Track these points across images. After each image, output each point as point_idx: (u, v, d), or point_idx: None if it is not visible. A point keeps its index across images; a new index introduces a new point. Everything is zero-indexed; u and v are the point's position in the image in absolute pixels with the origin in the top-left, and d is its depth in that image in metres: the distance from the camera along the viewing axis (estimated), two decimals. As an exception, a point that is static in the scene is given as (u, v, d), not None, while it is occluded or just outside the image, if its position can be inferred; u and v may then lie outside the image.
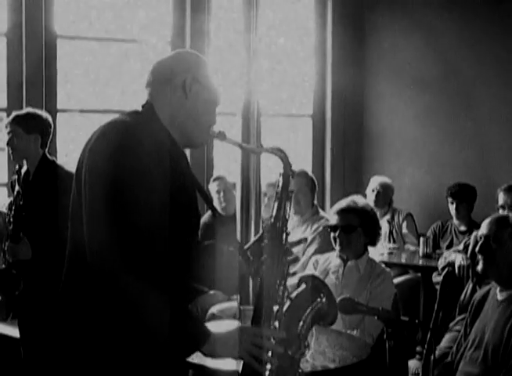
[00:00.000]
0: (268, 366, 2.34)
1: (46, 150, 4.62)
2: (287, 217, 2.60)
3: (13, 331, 4.74)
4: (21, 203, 4.42)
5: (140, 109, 2.50)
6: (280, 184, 2.60)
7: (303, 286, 2.58)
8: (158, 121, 2.45)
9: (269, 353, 2.33)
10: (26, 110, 4.70)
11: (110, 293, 2.22)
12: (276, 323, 2.43)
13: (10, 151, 4.58)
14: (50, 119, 4.68)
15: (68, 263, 2.45)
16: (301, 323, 2.50)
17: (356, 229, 4.25)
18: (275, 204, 2.59)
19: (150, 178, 2.24)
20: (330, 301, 2.56)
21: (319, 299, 2.55)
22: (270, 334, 2.38)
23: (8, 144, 4.56)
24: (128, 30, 6.96)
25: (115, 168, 2.22)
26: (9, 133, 4.54)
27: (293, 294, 2.54)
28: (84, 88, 6.88)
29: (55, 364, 2.46)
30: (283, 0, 7.81)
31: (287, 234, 2.57)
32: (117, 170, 2.22)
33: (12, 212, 4.42)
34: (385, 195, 6.98)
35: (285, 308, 2.48)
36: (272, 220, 2.56)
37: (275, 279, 2.48)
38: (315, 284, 2.59)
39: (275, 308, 2.45)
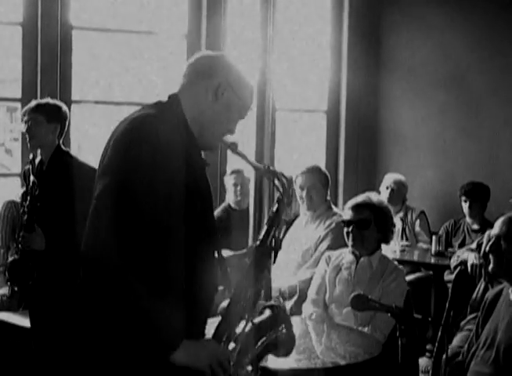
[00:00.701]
0: None
1: (61, 141, 4.64)
2: (274, 245, 2.60)
3: (24, 321, 4.75)
4: (36, 193, 4.43)
5: (165, 99, 2.51)
6: (274, 209, 2.63)
7: (267, 313, 2.59)
8: (182, 116, 2.47)
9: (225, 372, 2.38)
10: (46, 99, 4.71)
11: (99, 283, 2.26)
12: (233, 345, 2.47)
13: (27, 139, 4.59)
14: (67, 111, 4.70)
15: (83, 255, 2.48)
16: (255, 350, 2.51)
17: (370, 225, 4.26)
18: (265, 228, 2.61)
19: (163, 174, 2.26)
20: (289, 335, 2.56)
21: (278, 329, 2.55)
22: (228, 355, 2.42)
23: (27, 131, 4.57)
24: (143, 23, 6.96)
25: (127, 163, 2.25)
26: (28, 121, 4.54)
27: (256, 320, 2.55)
28: (99, 80, 6.89)
29: (65, 355, 2.48)
30: (300, -4, 7.82)
31: (271, 259, 2.60)
32: (129, 166, 2.24)
33: (27, 202, 4.43)
34: (399, 192, 6.98)
35: (246, 330, 2.50)
36: (258, 243, 2.57)
37: (247, 300, 2.51)
38: (279, 314, 2.58)
39: (237, 329, 2.49)
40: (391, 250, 6.32)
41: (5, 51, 6.57)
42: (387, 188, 6.96)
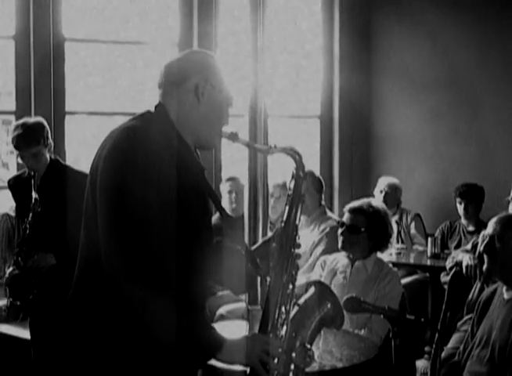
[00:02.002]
0: (274, 374, 2.37)
1: (51, 151, 4.64)
2: (298, 222, 2.60)
3: (24, 333, 4.77)
4: (39, 210, 4.43)
5: (153, 109, 2.49)
6: (292, 186, 2.60)
7: (311, 291, 2.60)
8: (170, 125, 2.45)
9: (276, 361, 2.36)
10: (24, 120, 4.65)
11: (121, 299, 2.24)
12: (283, 330, 2.46)
13: (28, 168, 4.58)
14: (42, 121, 4.63)
15: (82, 267, 2.47)
16: (307, 330, 2.52)
17: (361, 232, 4.25)
18: (287, 208, 2.59)
19: (159, 187, 2.25)
20: (336, 306, 2.57)
21: (325, 305, 2.56)
22: (278, 343, 2.41)
23: (28, 166, 4.55)
24: (134, 32, 6.99)
25: (125, 178, 2.24)
26: (25, 157, 4.50)
27: (301, 300, 2.56)
28: (93, 91, 6.91)
29: (65, 366, 2.48)
30: (291, 2, 7.83)
31: (297, 240, 2.59)
32: (127, 180, 2.23)
33: (29, 219, 4.43)
34: (393, 196, 6.98)
35: (292, 314, 2.51)
36: (283, 225, 2.57)
37: (284, 284, 2.50)
38: (322, 290, 2.60)
39: (283, 314, 2.48)
40: (387, 253, 6.34)
41: (-1, 64, 6.59)
42: (381, 192, 6.97)
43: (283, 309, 2.48)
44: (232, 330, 4.06)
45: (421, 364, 5.71)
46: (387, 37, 7.83)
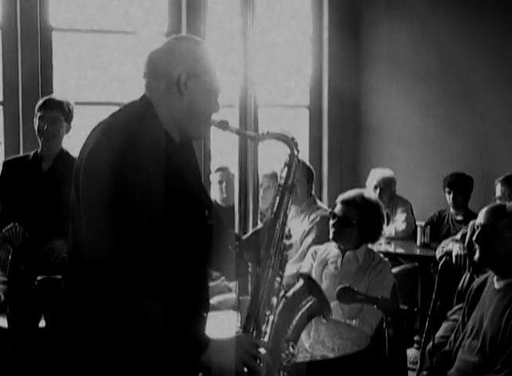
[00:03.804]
0: None
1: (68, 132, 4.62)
2: (288, 212, 2.57)
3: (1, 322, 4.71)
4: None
5: (138, 100, 2.43)
6: (284, 175, 2.57)
7: (299, 283, 2.58)
8: (154, 118, 2.37)
9: (259, 363, 2.31)
10: (54, 96, 4.65)
11: (108, 295, 2.20)
12: (269, 324, 2.44)
13: (44, 139, 4.52)
14: (71, 102, 4.64)
15: (69, 260, 2.45)
16: (292, 326, 2.50)
17: (352, 224, 4.23)
18: (277, 199, 2.55)
19: (149, 183, 2.21)
20: (321, 300, 2.55)
21: (310, 298, 2.54)
22: (262, 344, 2.38)
23: (46, 130, 4.48)
24: (123, 23, 6.95)
25: (117, 177, 2.18)
26: (48, 119, 4.48)
27: (290, 293, 2.54)
28: (81, 81, 6.87)
29: (47, 356, 2.45)
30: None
31: (288, 231, 2.55)
32: (119, 179, 2.18)
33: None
34: (388, 190, 6.92)
35: (280, 306, 2.49)
36: (273, 216, 2.53)
37: (270, 277, 2.47)
38: (308, 284, 2.58)
39: (269, 308, 2.45)
40: (377, 242, 6.33)
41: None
42: (376, 187, 6.87)
43: (270, 302, 2.46)
44: (222, 320, 4.05)
45: (411, 353, 5.71)
46: (376, 28, 7.82)
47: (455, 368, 3.60)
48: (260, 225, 2.66)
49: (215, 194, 6.20)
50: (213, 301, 5.27)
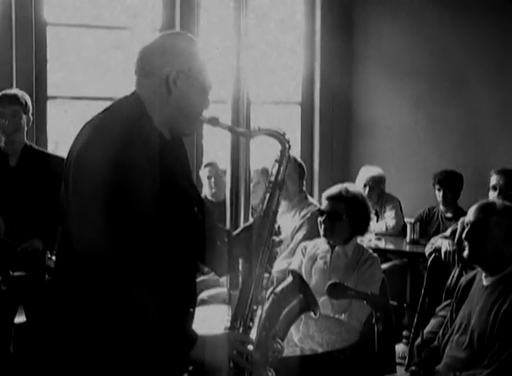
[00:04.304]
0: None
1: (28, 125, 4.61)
2: (278, 208, 2.56)
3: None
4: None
5: (129, 96, 2.40)
6: (274, 171, 2.55)
7: (288, 280, 2.58)
8: (145, 115, 2.35)
9: (246, 359, 2.32)
10: (12, 90, 4.64)
11: (98, 290, 2.18)
12: (257, 321, 2.44)
13: (6, 134, 4.50)
14: (25, 94, 4.65)
15: (58, 255, 2.45)
16: (280, 322, 2.49)
17: (341, 217, 4.22)
18: (267, 196, 2.54)
19: (141, 179, 2.19)
20: (309, 297, 2.55)
21: (297, 296, 2.54)
22: (250, 340, 2.38)
23: (7, 126, 4.47)
24: (117, 18, 6.93)
25: (110, 173, 2.16)
26: (4, 114, 4.45)
27: (278, 288, 2.54)
28: (75, 76, 6.85)
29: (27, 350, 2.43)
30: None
31: (277, 227, 2.54)
32: (112, 175, 2.15)
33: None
34: (377, 188, 6.91)
35: (267, 304, 2.49)
36: (262, 213, 2.53)
37: (259, 274, 2.46)
38: (295, 280, 2.58)
39: (256, 304, 2.45)
40: (367, 239, 6.35)
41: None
42: (365, 186, 6.87)
43: (258, 298, 2.45)
44: (213, 314, 4.05)
45: (400, 348, 5.73)
46: (368, 25, 7.82)
47: (443, 363, 3.60)
48: (250, 221, 2.65)
49: (205, 190, 6.20)
50: (204, 295, 5.27)
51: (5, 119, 4.45)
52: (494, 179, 5.64)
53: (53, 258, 4.52)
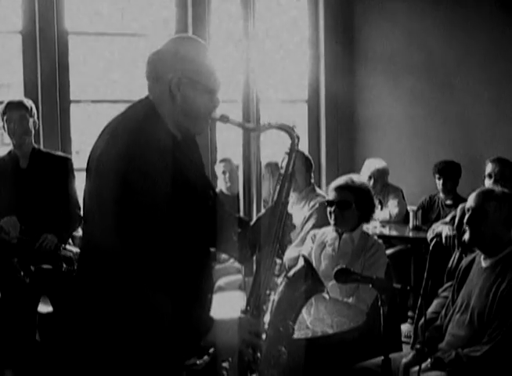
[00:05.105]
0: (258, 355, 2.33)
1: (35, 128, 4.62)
2: (288, 200, 2.54)
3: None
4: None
5: (143, 100, 2.40)
6: (284, 165, 2.53)
7: (300, 264, 2.56)
8: (158, 117, 2.34)
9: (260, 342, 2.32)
10: (15, 98, 4.65)
11: (118, 281, 2.18)
12: (269, 308, 2.44)
13: (16, 138, 4.50)
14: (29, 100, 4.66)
15: (82, 251, 2.45)
16: (291, 306, 2.48)
17: (351, 205, 4.20)
18: (277, 188, 2.53)
19: (154, 177, 2.18)
20: (316, 281, 2.55)
21: (307, 281, 2.53)
22: (262, 325, 2.38)
23: (16, 129, 4.47)
24: (134, 26, 6.93)
25: (126, 170, 2.15)
26: (13, 119, 4.45)
27: (291, 273, 2.53)
28: (95, 81, 6.86)
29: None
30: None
31: (287, 217, 2.53)
32: (127, 172, 2.15)
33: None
34: (381, 180, 6.89)
35: (280, 288, 2.48)
36: (274, 204, 2.51)
37: (271, 261, 2.46)
38: (306, 266, 2.57)
39: (269, 289, 2.44)
40: (372, 226, 6.34)
41: (7, 57, 6.53)
42: (370, 177, 6.85)
43: (270, 283, 2.44)
44: (230, 300, 4.05)
45: (405, 328, 5.71)
46: (367, 28, 7.81)
47: (446, 341, 3.59)
48: (263, 211, 2.64)
49: (220, 184, 6.20)
50: (221, 282, 5.27)
51: (13, 123, 4.45)
52: (489, 168, 5.61)
53: (68, 247, 4.54)
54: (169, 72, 2.31)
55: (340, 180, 4.31)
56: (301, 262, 2.58)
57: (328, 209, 4.29)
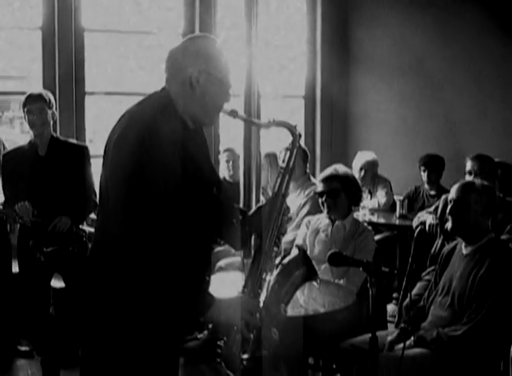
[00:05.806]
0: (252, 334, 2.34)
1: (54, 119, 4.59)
2: (287, 192, 2.54)
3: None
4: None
5: (159, 91, 2.40)
6: (286, 158, 2.53)
7: (294, 253, 2.56)
8: (173, 107, 2.35)
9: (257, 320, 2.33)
10: (35, 91, 4.61)
11: (128, 260, 2.17)
12: (265, 290, 2.43)
13: (35, 129, 4.47)
14: (49, 92, 4.62)
15: (96, 232, 2.44)
16: (285, 290, 2.48)
17: (339, 193, 4.21)
18: (278, 180, 2.53)
19: (166, 160, 2.18)
20: (310, 269, 2.54)
21: (301, 268, 2.53)
22: (259, 303, 2.38)
23: (35, 120, 4.45)
24: (144, 24, 6.91)
25: (140, 154, 2.15)
26: (33, 111, 4.43)
27: (286, 260, 2.53)
28: (109, 74, 6.84)
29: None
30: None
31: (286, 207, 2.53)
32: (140, 157, 2.14)
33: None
34: (371, 171, 6.88)
35: (276, 273, 2.48)
36: (274, 195, 2.51)
37: (269, 247, 2.46)
38: (300, 254, 2.57)
39: (266, 272, 2.45)
40: (362, 214, 6.34)
41: (28, 52, 6.51)
42: (361, 169, 6.83)
43: (267, 267, 2.45)
44: (229, 279, 4.05)
45: (390, 308, 5.72)
46: (361, 31, 7.80)
47: (428, 321, 3.59)
48: (263, 202, 2.63)
49: (223, 172, 6.19)
50: (222, 263, 5.26)
51: (33, 115, 4.42)
52: (469, 165, 5.60)
53: (81, 227, 4.53)
54: (189, 66, 2.33)
55: (326, 172, 4.32)
56: (295, 251, 2.58)
57: (320, 200, 4.29)
